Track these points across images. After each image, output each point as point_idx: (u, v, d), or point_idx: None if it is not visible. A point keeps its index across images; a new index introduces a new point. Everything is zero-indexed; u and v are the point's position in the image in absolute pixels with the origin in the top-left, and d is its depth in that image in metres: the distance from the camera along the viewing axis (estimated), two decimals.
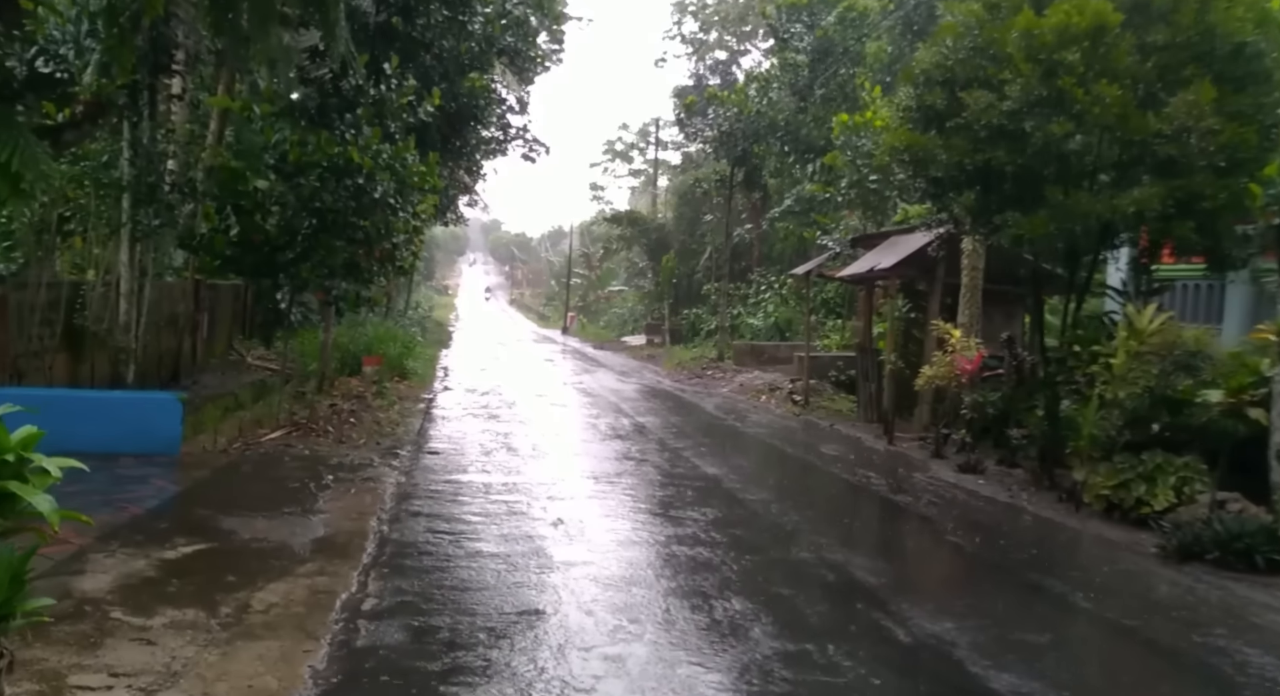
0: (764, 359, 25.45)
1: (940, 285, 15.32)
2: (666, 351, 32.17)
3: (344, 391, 16.55)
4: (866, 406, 17.18)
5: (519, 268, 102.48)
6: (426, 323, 38.28)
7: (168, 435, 9.25)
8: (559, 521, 8.14)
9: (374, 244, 11.22)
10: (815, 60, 23.39)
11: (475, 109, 16.43)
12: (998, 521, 9.60)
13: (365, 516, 7.88)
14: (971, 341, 13.20)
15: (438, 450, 11.72)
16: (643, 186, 76.62)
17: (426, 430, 13.38)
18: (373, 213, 10.98)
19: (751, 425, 15.89)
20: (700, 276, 40.81)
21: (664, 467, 11.21)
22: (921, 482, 11.33)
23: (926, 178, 11.26)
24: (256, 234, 10.37)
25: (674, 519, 8.44)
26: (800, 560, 7.38)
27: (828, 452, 13.35)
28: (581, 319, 54.33)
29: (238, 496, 8.27)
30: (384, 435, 12.53)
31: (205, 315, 17.51)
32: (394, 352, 20.18)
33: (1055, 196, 9.75)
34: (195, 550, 6.47)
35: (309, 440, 11.41)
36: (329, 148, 10.46)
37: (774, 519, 8.82)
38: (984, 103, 10.24)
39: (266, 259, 10.52)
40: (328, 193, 10.52)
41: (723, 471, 11.15)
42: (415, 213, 11.74)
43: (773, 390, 20.57)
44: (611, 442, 13.09)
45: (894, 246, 16.12)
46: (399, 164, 11.25)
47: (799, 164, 25.74)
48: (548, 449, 12.19)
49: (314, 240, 10.70)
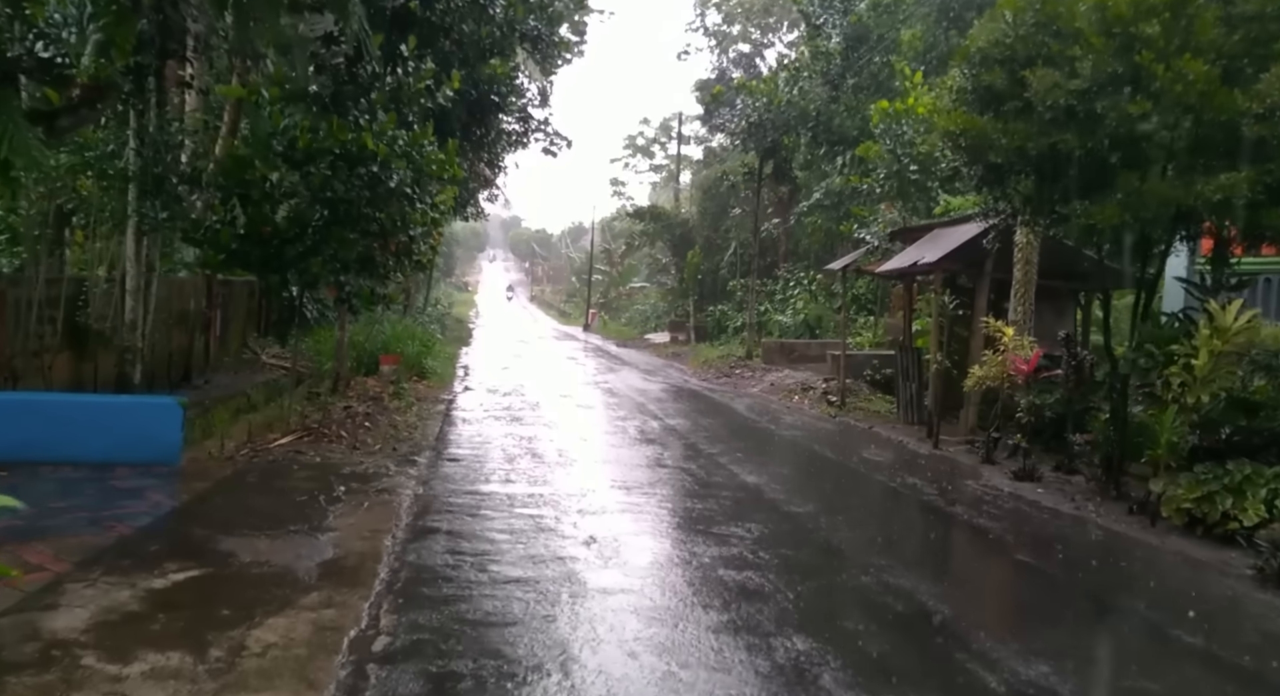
0: (794, 357, 24.63)
1: (988, 280, 14.49)
2: (692, 349, 31.38)
3: (360, 392, 15.90)
4: (906, 407, 16.36)
5: (539, 264, 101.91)
6: (446, 320, 37.66)
7: (167, 442, 8.57)
8: (591, 539, 7.40)
9: (389, 237, 10.51)
10: (849, 48, 22.53)
11: (497, 96, 15.71)
12: (1068, 537, 8.78)
13: (379, 534, 7.17)
14: (1025, 340, 12.36)
15: (458, 457, 11.01)
16: (664, 182, 75.95)
17: (446, 434, 12.68)
18: (388, 203, 10.27)
19: (787, 427, 15.11)
20: (725, 272, 40.01)
21: (700, 476, 10.45)
22: (976, 491, 10.53)
23: (984, 164, 10.42)
24: (265, 226, 9.67)
25: (717, 536, 7.68)
26: (862, 586, 6.61)
27: (871, 458, 12.56)
28: (603, 316, 53.62)
29: (240, 512, 7.57)
30: (401, 440, 11.83)
31: (218, 312, 16.92)
32: (412, 351, 19.52)
33: (1130, 183, 8.91)
34: (187, 577, 5.76)
35: (321, 446, 10.72)
36: (341, 134, 9.74)
37: (825, 536, 8.06)
38: (1049, 82, 9.42)
39: (275, 253, 9.82)
40: (340, 182, 9.81)
41: (762, 479, 10.39)
42: (434, 204, 11.02)
43: (805, 390, 19.77)
44: (642, 448, 12.34)
45: (938, 240, 15.29)
46: (416, 151, 10.53)
47: (830, 156, 24.90)
48: (575, 455, 11.45)
49: (325, 233, 10.00)
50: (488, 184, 25.06)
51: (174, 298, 14.45)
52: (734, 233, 40.02)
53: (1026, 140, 9.73)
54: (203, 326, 15.75)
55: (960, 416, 14.59)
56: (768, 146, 23.59)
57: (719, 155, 50.21)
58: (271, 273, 9.93)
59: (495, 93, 15.62)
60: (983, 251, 14.45)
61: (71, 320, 10.99)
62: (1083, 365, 12.03)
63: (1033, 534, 8.79)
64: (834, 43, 23.21)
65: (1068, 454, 11.94)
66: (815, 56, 23.59)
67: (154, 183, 10.60)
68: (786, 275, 33.52)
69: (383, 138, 10.17)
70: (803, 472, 11.58)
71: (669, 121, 74.29)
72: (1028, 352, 12.08)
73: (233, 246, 9.80)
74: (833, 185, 29.40)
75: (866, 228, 16.62)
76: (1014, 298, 13.48)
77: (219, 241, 9.74)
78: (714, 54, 53.43)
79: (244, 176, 9.68)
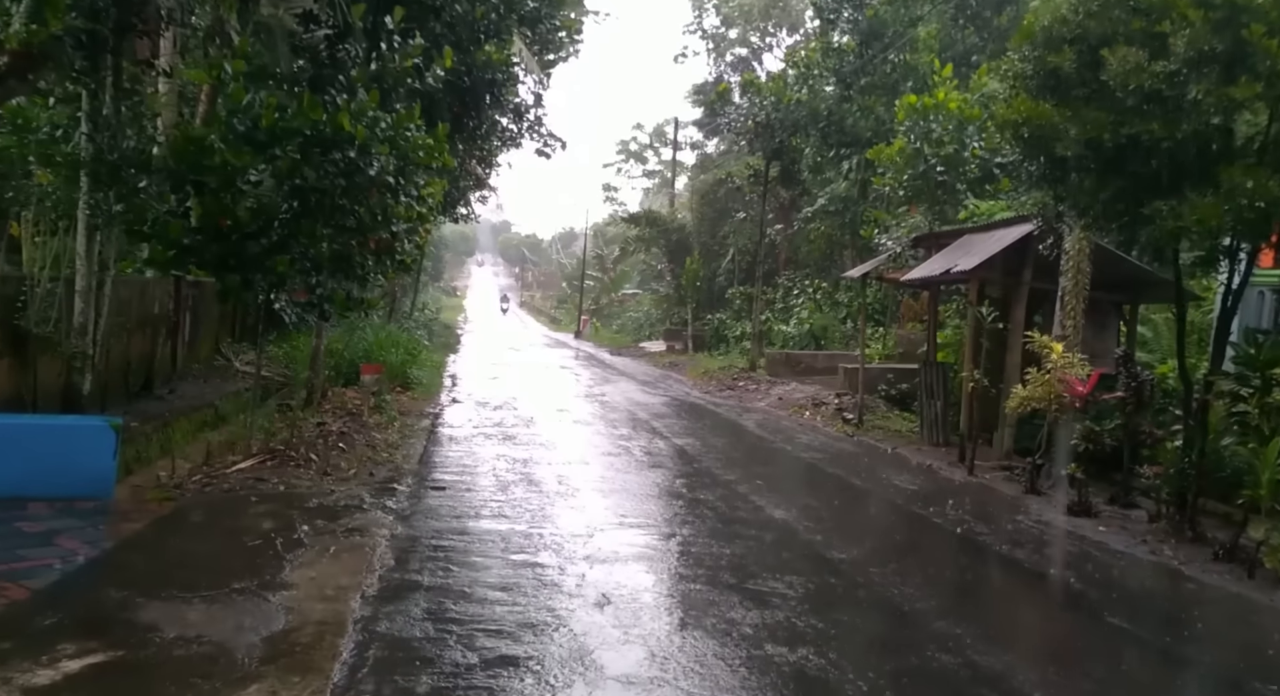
0: (800, 369, 23.36)
1: (1026, 291, 13.25)
2: (690, 359, 30.06)
3: (337, 405, 14.55)
4: (931, 427, 15.10)
5: (530, 270, 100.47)
6: (434, 326, 36.22)
7: (97, 472, 7.19)
8: (605, 600, 6.07)
9: (369, 233, 9.17)
10: (863, 43, 21.31)
11: (492, 85, 14.43)
12: (1159, 593, 7.54)
13: (345, 593, 5.83)
14: (1075, 357, 11.10)
15: (444, 484, 9.66)
16: (657, 187, 74.74)
17: (431, 456, 11.34)
18: (367, 194, 8.92)
19: (804, 449, 13.80)
20: (722, 280, 38.76)
21: (722, 510, 9.13)
22: (1033, 530, 9.25)
23: (1048, 158, 9.16)
24: (223, 218, 8.33)
25: (755, 595, 6.36)
26: (947, 671, 5.28)
27: (903, 485, 11.27)
28: (595, 323, 52.27)
29: (174, 563, 6.20)
30: (379, 463, 10.50)
31: (187, 315, 15.57)
32: (396, 360, 18.17)
33: (1232, 178, 7.65)
34: (84, 666, 4.40)
35: (286, 471, 9.37)
36: (313, 112, 8.40)
37: (882, 593, 6.75)
38: (1131, 63, 8.18)
39: (234, 249, 8.47)
40: (311, 168, 8.46)
41: (791, 514, 9.08)
42: (420, 196, 9.67)
43: (816, 405, 18.48)
44: (651, 473, 11.02)
45: (969, 246, 14.05)
46: (400, 136, 9.19)
47: (836, 160, 23.69)
48: (577, 482, 10.12)
49: (294, 227, 8.64)
50: (480, 183, 23.72)
51: (135, 299, 13.10)
52: (732, 239, 38.77)
53: (1100, 130, 8.48)
54: (169, 331, 14.39)
55: (994, 439, 13.31)
56: (775, 147, 22.32)
57: (715, 161, 49.04)
58: (230, 272, 8.56)
59: (490, 81, 14.33)
60: (1021, 259, 13.24)
61: (10, 323, 9.64)
62: (1143, 387, 10.79)
63: (1118, 587, 7.51)
64: (847, 39, 21.99)
65: (1124, 486, 10.69)
66: (826, 53, 22.36)
67: (109, 171, 9.26)
68: (788, 283, 32.28)
69: (362, 119, 8.84)
70: (834, 505, 10.27)
71: (663, 127, 73.24)
72: (1080, 372, 10.83)
73: (184, 241, 8.44)
74: (838, 190, 28.26)
75: (888, 233, 15.34)
76: (1061, 310, 12.22)
77: (167, 235, 8.38)
78: (711, 58, 52.41)
79: (199, 160, 8.33)
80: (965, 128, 15.14)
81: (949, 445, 14.70)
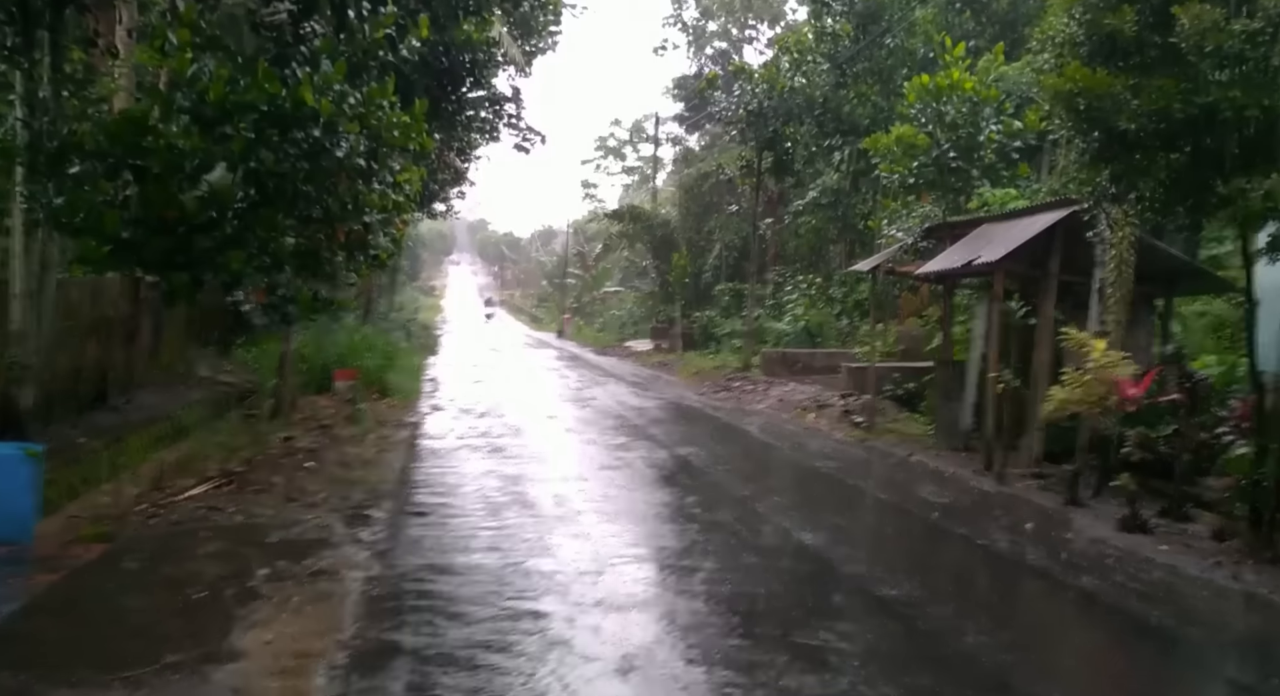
0: (797, 368, 22.29)
1: (1055, 283, 12.24)
2: (679, 358, 28.96)
3: (308, 416, 13.40)
4: (948, 431, 14.07)
5: (509, 268, 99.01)
6: (411, 326, 34.93)
7: (12, 511, 6.00)
8: (628, 665, 4.96)
9: (337, 224, 8.03)
10: (859, 27, 20.28)
11: (472, 66, 13.27)
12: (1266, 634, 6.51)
13: (307, 663, 4.70)
14: (1117, 355, 10.08)
15: (426, 508, 8.53)
16: (636, 184, 73.61)
17: (411, 474, 10.21)
18: (334, 179, 7.79)
19: (817, 457, 12.75)
20: (709, 276, 37.70)
21: (744, 535, 8.05)
22: (1090, 552, 8.22)
23: (1106, 132, 8.13)
24: (168, 209, 7.16)
25: (808, 652, 5.26)
26: None
27: (933, 499, 10.24)
28: (577, 321, 51.12)
29: (95, 630, 5.03)
30: (353, 483, 9.35)
31: (147, 319, 14.36)
32: (372, 364, 17.00)
33: None
34: None
35: (246, 498, 8.22)
36: (270, 85, 7.24)
37: (956, 645, 5.66)
38: (1208, 21, 7.16)
39: (181, 244, 7.31)
40: (268, 149, 7.31)
41: (822, 539, 8.01)
42: (396, 183, 8.53)
43: (820, 407, 17.44)
44: (657, 490, 9.92)
45: (989, 236, 13.03)
46: (373, 114, 8.05)
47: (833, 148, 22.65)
48: (576, 503, 9.00)
49: (251, 218, 7.50)
50: (458, 177, 22.51)
51: (87, 302, 11.93)
52: (719, 234, 37.73)
53: (1169, 100, 7.47)
54: (127, 336, 13.20)
55: (1021, 445, 12.28)
56: (769, 137, 21.24)
57: (699, 155, 47.99)
58: (177, 270, 7.40)
59: (469, 62, 13.17)
60: (1048, 250, 12.24)
61: None
62: (1198, 388, 9.81)
63: (1223, 629, 6.51)
64: (842, 22, 20.94)
65: (1176, 498, 9.70)
66: (820, 38, 21.32)
67: (49, 161, 8.06)
68: (777, 278, 31.22)
69: (327, 93, 7.68)
70: (865, 525, 9.23)
71: (641, 123, 72.14)
72: (1131, 372, 9.83)
73: (123, 235, 7.26)
74: (829, 183, 27.24)
75: (895, 223, 14.29)
76: (1099, 304, 11.24)
77: (102, 229, 7.19)
78: (691, 51, 51.33)
79: (138, 142, 7.15)
80: (981, 110, 14.12)
81: (968, 450, 13.69)
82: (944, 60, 14.95)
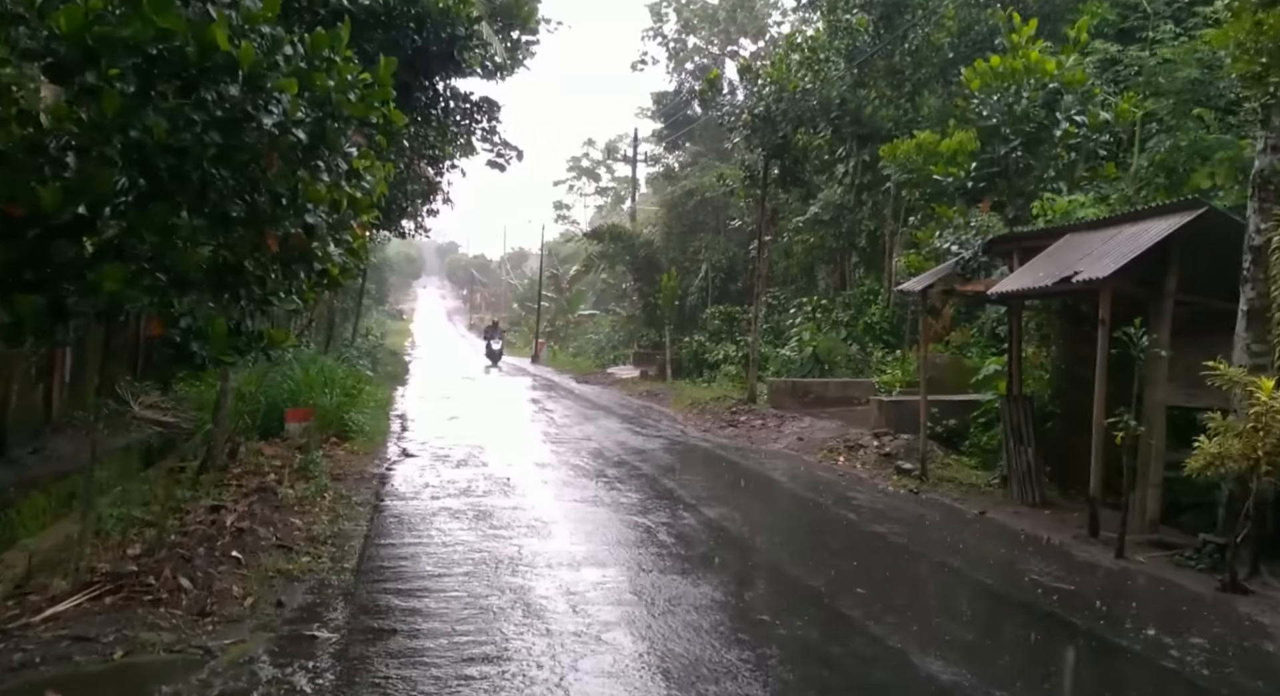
0: (809, 401, 20.01)
1: (1170, 304, 10.05)
2: (670, 387, 26.54)
3: (249, 469, 10.92)
4: (1022, 482, 11.82)
5: (479, 291, 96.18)
6: (378, 353, 32.26)
7: None
8: None
9: (268, 226, 5.63)
10: (881, 18, 18.18)
11: (451, 43, 10.92)
12: None
13: None
14: None
15: (392, 623, 6.09)
16: (611, 204, 71.42)
17: (373, 558, 7.75)
18: (262, 161, 5.39)
19: (873, 518, 10.41)
20: (694, 299, 35.48)
21: (844, 662, 5.68)
22: None
23: None
24: (10, 203, 4.74)
25: None
26: None
27: (1046, 581, 7.94)
28: (552, 346, 48.60)
29: None
30: (295, 576, 6.93)
31: (66, 348, 11.84)
32: (331, 402, 14.49)
33: None
34: None
35: (134, 614, 5.75)
36: (161, 17, 4.86)
37: None
38: None
39: (31, 253, 4.89)
40: (161, 114, 4.92)
41: (952, 664, 5.66)
42: (352, 169, 6.14)
43: (850, 449, 15.14)
44: (701, 583, 7.45)
45: (1078, 248, 10.82)
46: (319, 72, 5.68)
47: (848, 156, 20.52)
48: (601, 610, 6.58)
49: (138, 216, 5.08)
50: (431, 189, 20.06)
51: None
52: (705, 255, 35.58)
53: None
54: (40, 368, 10.68)
55: (1134, 503, 10.00)
56: (778, 143, 19.03)
57: (680, 173, 45.92)
58: (24, 290, 4.98)
59: (448, 38, 10.84)
60: (1163, 265, 10.06)
61: None
62: None
63: None
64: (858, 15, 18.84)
65: None
66: (835, 33, 19.21)
67: None
68: (770, 300, 29.00)
69: (251, 36, 5.30)
70: (994, 634, 6.87)
71: (615, 143, 70.16)
72: None
73: None
74: (832, 197, 25.13)
75: (957, 234, 12.05)
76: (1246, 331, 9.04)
77: None
78: (671, 66, 49.34)
79: None
80: (1061, 98, 11.96)
81: (1047, 505, 11.47)
82: (1010, 41, 12.76)
